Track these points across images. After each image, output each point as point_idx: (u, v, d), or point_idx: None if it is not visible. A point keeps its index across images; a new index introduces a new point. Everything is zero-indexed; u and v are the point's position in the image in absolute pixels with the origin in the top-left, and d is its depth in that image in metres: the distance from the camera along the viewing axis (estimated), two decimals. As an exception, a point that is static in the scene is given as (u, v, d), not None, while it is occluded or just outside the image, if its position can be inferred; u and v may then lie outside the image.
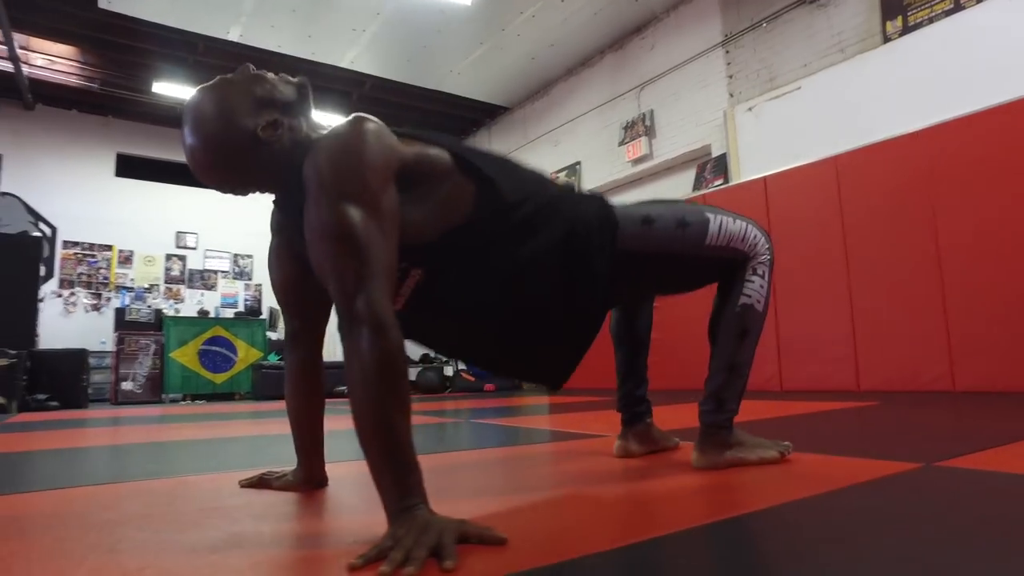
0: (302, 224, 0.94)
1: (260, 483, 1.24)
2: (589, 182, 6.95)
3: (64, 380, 4.97)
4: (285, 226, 1.14)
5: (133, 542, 0.85)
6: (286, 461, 1.31)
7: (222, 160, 1.02)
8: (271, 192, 1.09)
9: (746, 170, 4.96)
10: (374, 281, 0.85)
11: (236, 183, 1.06)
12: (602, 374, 1.57)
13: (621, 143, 6.42)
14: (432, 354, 7.94)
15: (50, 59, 6.90)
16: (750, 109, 5.03)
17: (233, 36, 6.26)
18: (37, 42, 6.60)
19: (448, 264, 1.05)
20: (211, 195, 8.41)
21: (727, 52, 5.36)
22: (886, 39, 4.37)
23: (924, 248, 3.59)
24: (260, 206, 0.86)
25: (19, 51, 6.53)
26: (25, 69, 6.88)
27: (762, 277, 1.26)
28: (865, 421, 2.22)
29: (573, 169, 7.19)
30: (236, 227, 8.61)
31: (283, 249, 1.17)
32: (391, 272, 0.90)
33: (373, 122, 0.98)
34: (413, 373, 7.39)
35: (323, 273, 0.90)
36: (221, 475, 1.43)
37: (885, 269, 3.77)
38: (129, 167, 8.20)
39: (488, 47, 6.74)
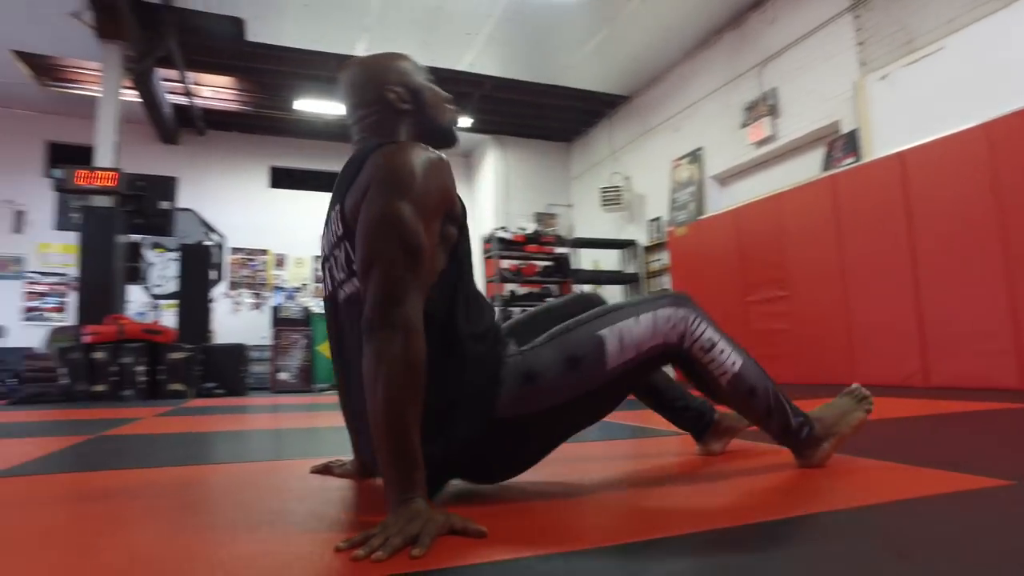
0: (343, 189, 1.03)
1: (325, 470, 1.39)
2: (712, 168, 6.66)
3: (228, 371, 5.71)
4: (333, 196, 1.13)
5: (180, 517, 1.02)
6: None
7: (353, 80, 1.15)
8: (354, 142, 1.16)
9: (879, 146, 4.50)
10: (416, 292, 0.91)
11: (346, 106, 1.17)
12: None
13: (743, 125, 6.08)
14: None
15: (214, 90, 7.88)
16: (883, 78, 4.55)
17: (359, 51, 6.76)
18: (204, 77, 7.56)
19: None
20: (350, 201, 9.16)
21: (856, 17, 4.87)
22: (1055, -20, 3.76)
23: (1100, 224, 3.07)
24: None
25: (192, 86, 7.54)
26: (197, 101, 7.93)
27: (714, 343, 1.14)
28: (995, 426, 1.97)
29: (695, 156, 6.92)
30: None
31: None
32: (428, 286, 0.96)
33: (446, 161, 1.04)
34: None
35: (369, 263, 0.92)
36: (306, 460, 1.60)
37: (1052, 250, 3.27)
38: (280, 178, 9.16)
39: (602, 37, 6.68)
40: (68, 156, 7.65)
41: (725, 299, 5.66)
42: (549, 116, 8.86)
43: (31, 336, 7.38)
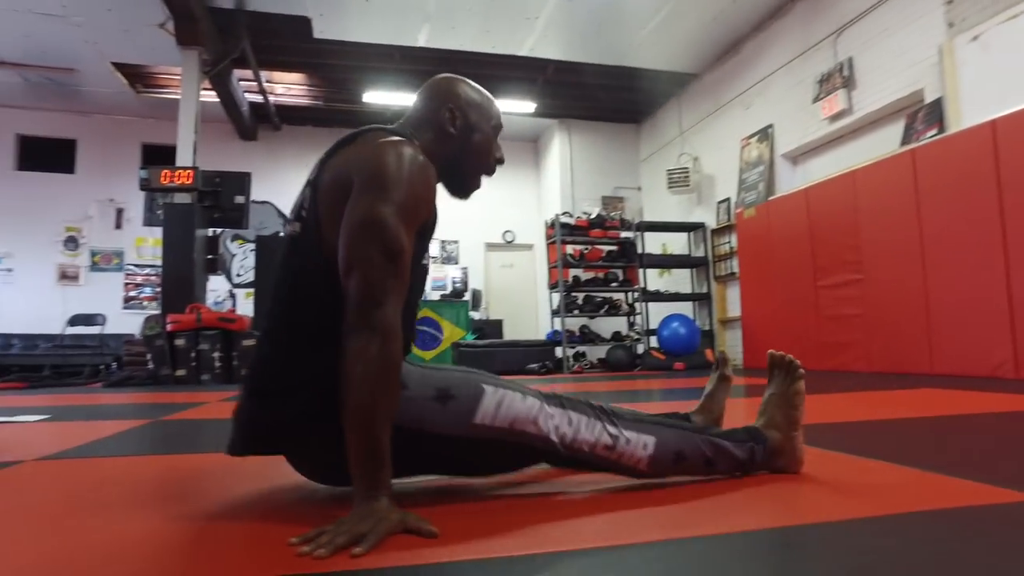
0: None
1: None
2: (782, 146, 6.31)
3: (299, 356, 5.98)
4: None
5: (165, 506, 1.07)
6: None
7: (428, 87, 1.17)
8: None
9: (968, 115, 4.09)
10: (396, 294, 0.92)
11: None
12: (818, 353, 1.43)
13: (816, 99, 5.70)
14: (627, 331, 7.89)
15: (287, 87, 8.21)
16: (975, 39, 4.12)
17: (421, 42, 6.84)
18: (277, 75, 7.90)
19: (308, 268, 1.01)
20: (418, 190, 9.35)
21: (943, -26, 4.45)
22: None
23: None
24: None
25: (266, 85, 7.89)
26: (271, 99, 8.29)
27: (616, 437, 1.05)
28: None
29: (765, 133, 6.58)
30: (441, 215, 9.44)
31: None
32: (407, 289, 0.96)
33: (432, 167, 1.04)
34: (603, 351, 7.41)
35: (350, 265, 0.92)
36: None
37: None
38: (352, 170, 9.47)
39: (666, 13, 6.44)
40: (159, 156, 8.20)
41: (795, 283, 5.39)
42: (615, 98, 8.65)
43: (130, 323, 8.01)
